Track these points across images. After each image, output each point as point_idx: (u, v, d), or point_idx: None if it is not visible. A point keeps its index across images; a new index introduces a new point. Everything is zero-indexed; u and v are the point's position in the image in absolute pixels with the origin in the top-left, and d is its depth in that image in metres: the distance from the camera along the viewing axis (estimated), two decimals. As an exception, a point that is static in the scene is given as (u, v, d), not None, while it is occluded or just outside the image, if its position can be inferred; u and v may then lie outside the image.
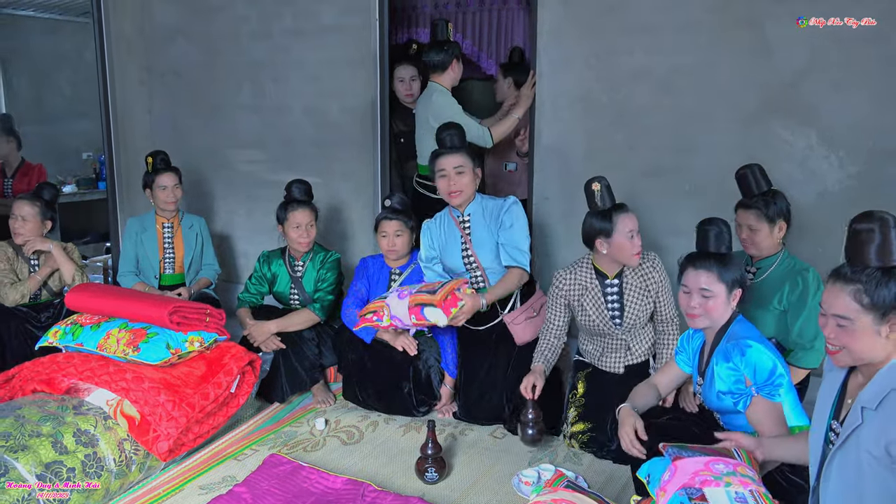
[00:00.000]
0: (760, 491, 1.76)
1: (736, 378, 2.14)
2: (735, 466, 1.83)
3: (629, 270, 2.82)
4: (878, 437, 1.54)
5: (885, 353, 1.61)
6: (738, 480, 1.77)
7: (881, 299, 1.59)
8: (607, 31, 3.36)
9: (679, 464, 1.86)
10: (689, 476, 1.80)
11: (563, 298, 2.92)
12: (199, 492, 2.57)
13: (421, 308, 2.83)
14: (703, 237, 2.30)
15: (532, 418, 2.67)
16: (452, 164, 3.06)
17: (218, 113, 4.54)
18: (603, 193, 2.72)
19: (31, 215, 3.51)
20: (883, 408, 1.55)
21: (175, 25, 4.60)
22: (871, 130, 2.92)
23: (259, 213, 4.49)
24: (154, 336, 2.83)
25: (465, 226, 3.14)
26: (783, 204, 2.72)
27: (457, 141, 3.12)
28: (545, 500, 1.94)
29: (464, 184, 3.07)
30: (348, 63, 4.02)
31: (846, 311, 1.63)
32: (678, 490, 1.77)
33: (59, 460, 2.33)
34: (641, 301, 2.82)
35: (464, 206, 3.14)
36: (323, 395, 3.36)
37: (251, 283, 3.57)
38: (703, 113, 3.23)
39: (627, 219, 2.71)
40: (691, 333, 2.45)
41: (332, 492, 2.49)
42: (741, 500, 1.70)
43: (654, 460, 2.03)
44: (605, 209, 2.72)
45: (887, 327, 1.59)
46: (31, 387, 2.79)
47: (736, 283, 2.25)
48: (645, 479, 1.99)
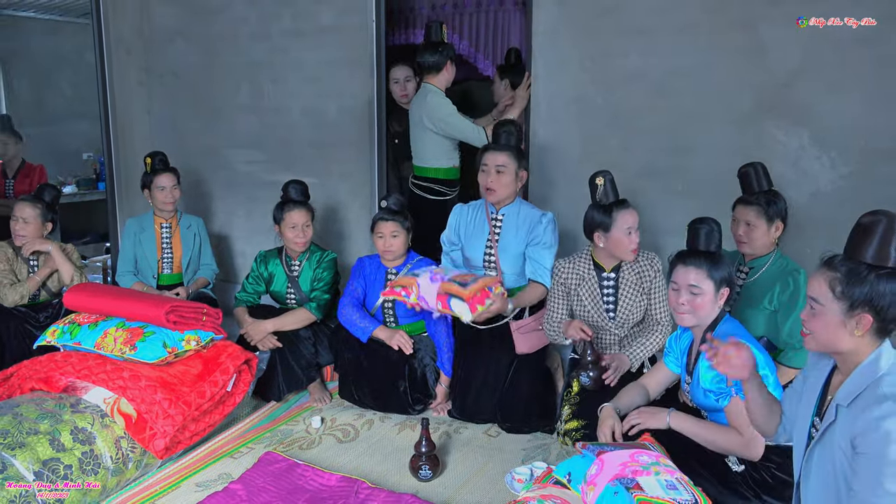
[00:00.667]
0: (685, 479, 1.85)
1: (716, 377, 2.16)
2: (657, 458, 1.90)
3: (626, 265, 2.85)
4: (846, 433, 1.57)
5: (850, 347, 1.64)
6: (664, 469, 1.85)
7: (852, 293, 1.61)
8: (603, 32, 3.38)
9: (605, 457, 1.91)
10: (618, 468, 1.85)
11: (563, 286, 2.95)
12: (195, 489, 2.60)
13: (448, 298, 2.75)
14: (694, 235, 2.33)
15: (591, 360, 2.66)
16: (496, 162, 3.07)
17: (217, 114, 4.57)
18: (606, 188, 2.73)
19: (31, 217, 3.54)
20: (855, 404, 1.58)
21: (174, 27, 4.62)
22: (863, 131, 2.94)
23: (257, 213, 4.51)
24: (151, 335, 2.86)
25: (496, 225, 3.15)
26: (783, 205, 2.74)
27: (512, 140, 3.12)
28: (534, 495, 1.97)
29: (502, 183, 3.08)
30: (346, 64, 4.04)
31: (818, 295, 1.66)
32: (610, 482, 1.82)
33: (56, 458, 2.35)
34: (635, 297, 2.84)
35: (501, 205, 3.16)
36: (319, 393, 3.38)
37: (248, 282, 3.60)
38: (698, 114, 3.25)
39: (628, 214, 2.73)
40: (679, 333, 2.47)
41: (327, 489, 2.51)
42: (672, 487, 1.78)
43: (573, 459, 2.08)
44: (607, 203, 2.74)
45: (854, 322, 1.61)
46: (29, 385, 2.82)
47: (724, 281, 2.27)
48: (565, 477, 2.03)
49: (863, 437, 1.52)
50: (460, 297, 2.72)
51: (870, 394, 1.56)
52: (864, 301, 1.60)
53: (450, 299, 2.74)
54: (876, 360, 1.60)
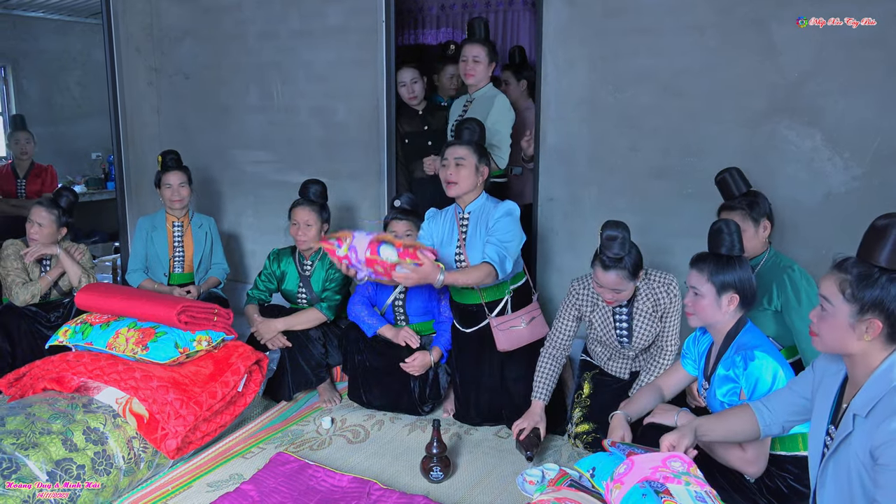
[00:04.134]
0: (713, 493, 1.81)
1: (730, 390, 2.15)
2: (688, 467, 1.88)
3: (640, 294, 2.78)
4: (865, 444, 1.55)
5: (858, 351, 1.62)
6: (694, 480, 1.82)
7: (862, 296, 1.59)
8: (613, 32, 3.37)
9: (635, 459, 1.89)
10: (649, 471, 1.83)
11: (576, 309, 2.90)
12: (206, 489, 2.60)
13: (380, 244, 2.71)
14: (708, 237, 2.32)
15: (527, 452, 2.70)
16: (455, 155, 3.02)
17: (226, 113, 4.57)
18: (605, 242, 2.62)
19: (47, 222, 3.56)
20: (872, 415, 1.56)
21: (183, 27, 4.63)
22: (876, 132, 2.92)
23: (266, 213, 4.52)
24: (163, 335, 2.86)
25: (463, 224, 3.12)
26: (766, 204, 2.74)
27: (474, 136, 3.10)
28: (548, 498, 1.96)
29: (461, 176, 3.00)
30: (355, 64, 4.04)
31: (829, 295, 1.65)
32: (638, 483, 1.80)
33: (69, 457, 2.36)
34: (650, 323, 2.78)
35: (466, 201, 3.09)
36: (329, 394, 3.39)
37: (260, 279, 3.60)
38: (709, 115, 3.23)
39: (599, 273, 2.65)
40: (698, 336, 2.46)
41: (338, 489, 2.51)
42: (701, 500, 1.74)
43: (598, 455, 2.07)
44: (598, 253, 2.67)
45: (863, 327, 1.60)
46: (42, 385, 2.83)
47: (729, 286, 2.22)
48: (588, 472, 2.01)
49: (884, 448, 1.49)
50: (390, 244, 2.69)
51: (887, 403, 1.54)
52: (873, 305, 1.58)
53: (380, 245, 2.70)
54: (890, 369, 1.58)
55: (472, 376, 3.14)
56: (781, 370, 2.11)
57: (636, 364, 2.91)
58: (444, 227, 3.15)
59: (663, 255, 3.34)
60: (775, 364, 2.10)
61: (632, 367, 2.92)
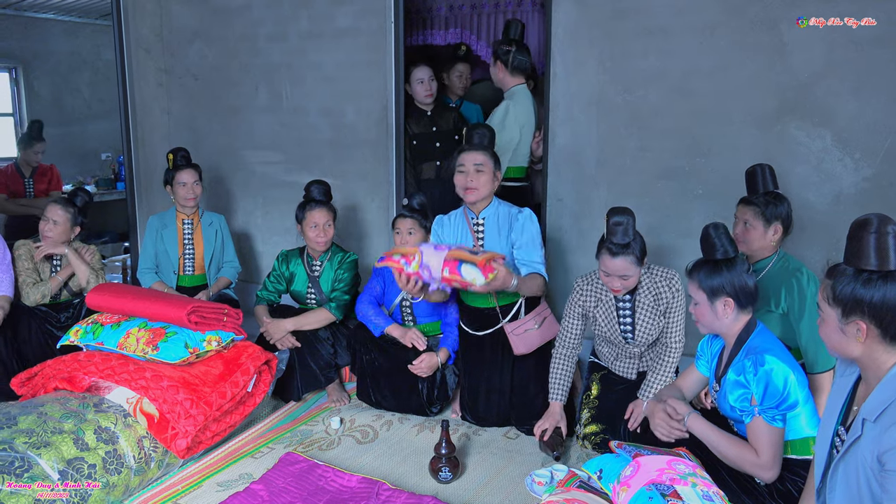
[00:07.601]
0: (720, 493, 1.84)
1: (742, 395, 2.13)
2: (694, 468, 1.88)
3: (642, 288, 2.78)
4: (872, 449, 1.55)
5: (860, 354, 1.63)
6: (700, 481, 1.83)
7: (841, 298, 1.62)
8: (622, 32, 3.37)
9: (641, 461, 1.89)
10: (655, 473, 1.83)
11: (580, 307, 2.91)
12: (216, 488, 2.62)
13: (459, 263, 2.68)
14: (700, 245, 2.31)
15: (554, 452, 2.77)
16: (473, 161, 3.02)
17: (235, 114, 4.60)
18: (612, 228, 2.62)
19: (62, 220, 3.58)
20: (881, 420, 1.56)
21: (193, 28, 4.66)
22: (886, 132, 2.91)
23: (276, 213, 4.54)
24: (173, 335, 2.88)
25: (478, 230, 3.12)
26: (784, 209, 2.67)
27: (485, 140, 3.10)
28: (557, 499, 1.96)
29: (481, 182, 3.01)
30: (364, 65, 4.05)
31: (819, 302, 1.70)
32: (645, 485, 1.80)
33: (80, 457, 2.38)
34: (653, 318, 2.78)
35: (479, 207, 3.11)
36: (337, 394, 3.40)
37: (269, 280, 3.62)
38: (718, 115, 3.22)
39: (607, 259, 2.65)
40: (710, 338, 2.45)
41: (347, 490, 2.52)
42: (709, 499, 1.75)
43: (605, 457, 2.07)
44: (604, 241, 2.67)
45: (853, 329, 1.61)
46: (53, 384, 2.85)
47: (719, 291, 2.19)
48: (595, 473, 2.01)
49: (891, 454, 1.49)
50: (473, 263, 2.67)
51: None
52: (853, 307, 1.60)
53: (460, 265, 2.68)
54: None
55: (480, 378, 3.14)
56: (793, 374, 2.09)
57: (643, 364, 2.91)
58: (456, 234, 3.15)
59: (672, 256, 3.33)
60: (786, 368, 2.08)
61: (638, 366, 2.91)
